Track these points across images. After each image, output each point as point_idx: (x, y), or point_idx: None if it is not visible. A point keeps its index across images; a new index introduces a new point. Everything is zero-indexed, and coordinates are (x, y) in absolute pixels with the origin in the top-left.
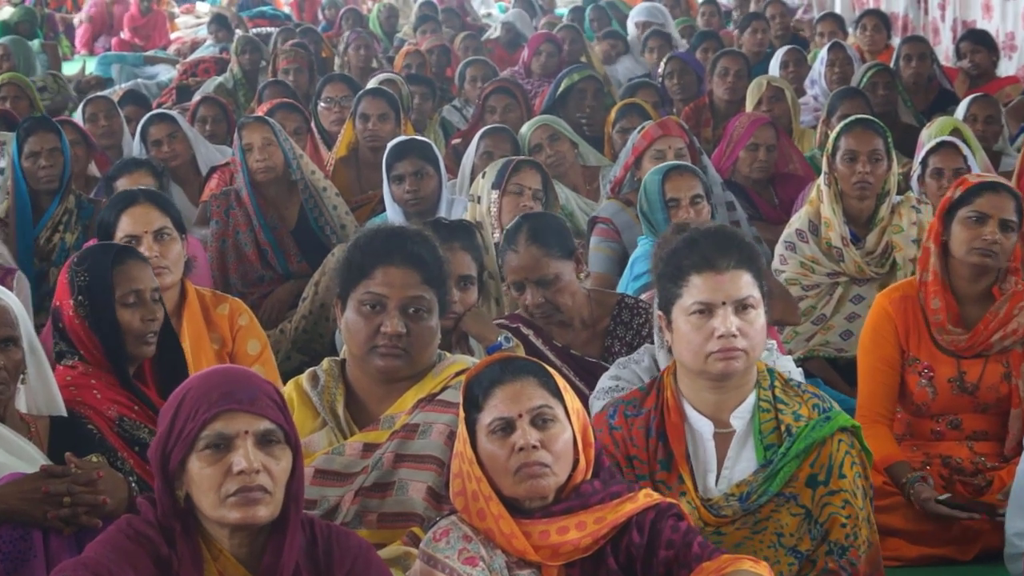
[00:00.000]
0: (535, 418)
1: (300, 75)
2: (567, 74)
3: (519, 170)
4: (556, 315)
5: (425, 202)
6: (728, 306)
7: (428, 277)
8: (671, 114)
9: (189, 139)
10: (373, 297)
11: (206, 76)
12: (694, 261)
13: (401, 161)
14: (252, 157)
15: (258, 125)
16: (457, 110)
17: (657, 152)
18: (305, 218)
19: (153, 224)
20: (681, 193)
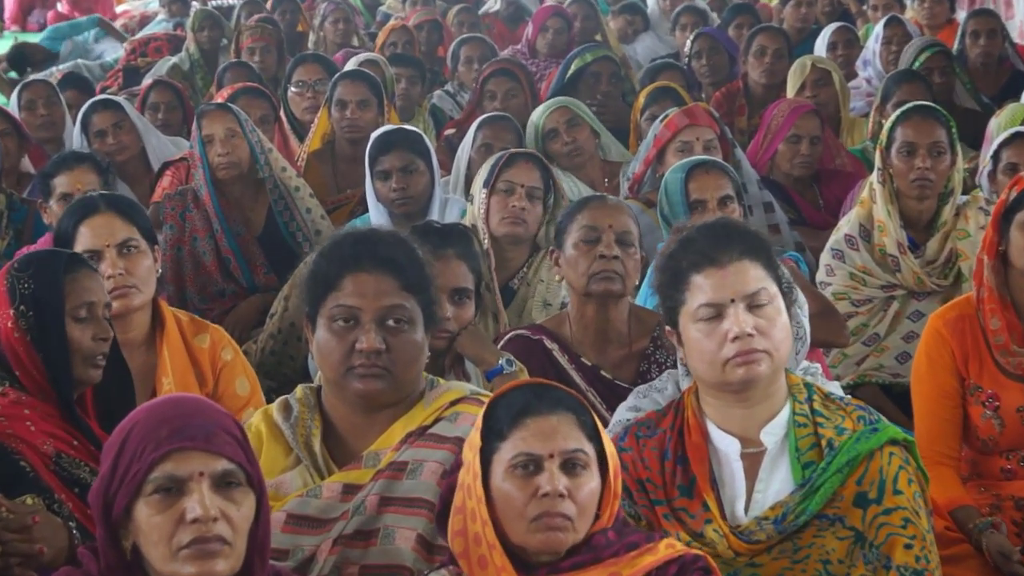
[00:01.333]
0: (567, 462)
1: (267, 55)
2: (578, 54)
3: (512, 164)
4: (616, 284)
5: (415, 202)
6: (739, 303)
7: (406, 283)
8: (699, 100)
9: (138, 129)
10: (344, 311)
11: (157, 56)
12: (693, 259)
13: (386, 155)
14: (213, 151)
15: (220, 114)
16: (450, 96)
17: (683, 144)
18: (273, 222)
19: (117, 236)
20: (707, 193)
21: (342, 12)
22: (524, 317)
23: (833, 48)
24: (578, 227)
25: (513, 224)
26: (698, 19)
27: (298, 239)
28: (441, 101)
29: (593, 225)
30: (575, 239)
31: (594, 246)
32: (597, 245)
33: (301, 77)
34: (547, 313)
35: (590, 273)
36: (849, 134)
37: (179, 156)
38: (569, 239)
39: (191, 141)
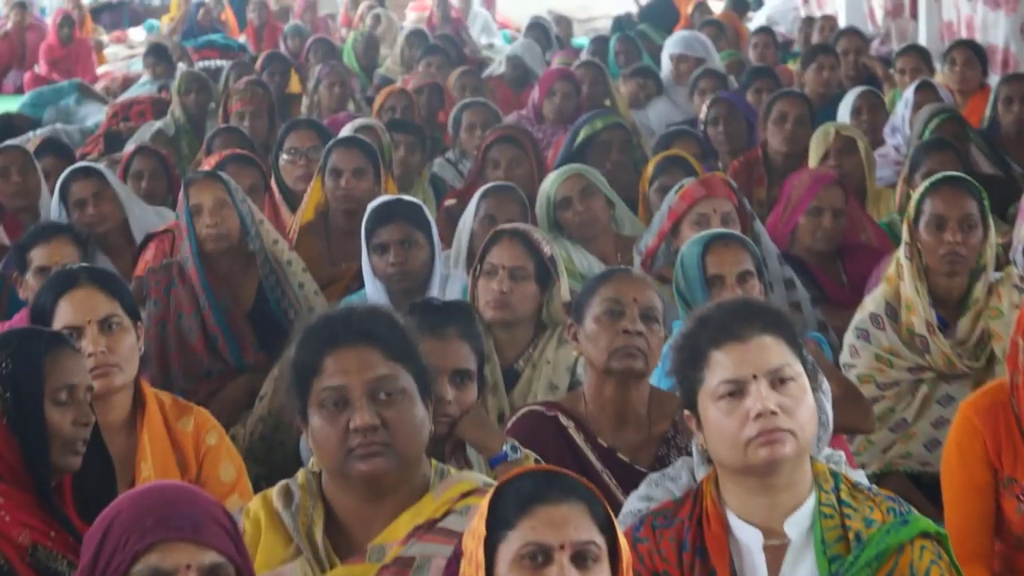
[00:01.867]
0: (578, 554)
1: (257, 120)
2: (587, 121)
3: (495, 244)
4: (639, 362)
5: (413, 278)
6: (761, 379)
7: (391, 352)
8: (716, 169)
9: (120, 199)
10: (331, 393)
11: (141, 120)
12: (712, 335)
13: (384, 227)
14: (201, 222)
15: (209, 182)
16: (451, 164)
17: (699, 217)
18: (264, 298)
19: (99, 311)
20: (726, 268)
21: (337, 75)
22: (528, 399)
23: (858, 114)
24: (600, 300)
25: (496, 309)
26: (717, 83)
27: (290, 316)
28: (442, 170)
29: (617, 298)
30: (597, 313)
31: (617, 320)
32: (620, 319)
33: (294, 144)
34: (554, 397)
35: (612, 349)
36: (875, 206)
37: (163, 227)
38: (590, 313)
39: (177, 211)
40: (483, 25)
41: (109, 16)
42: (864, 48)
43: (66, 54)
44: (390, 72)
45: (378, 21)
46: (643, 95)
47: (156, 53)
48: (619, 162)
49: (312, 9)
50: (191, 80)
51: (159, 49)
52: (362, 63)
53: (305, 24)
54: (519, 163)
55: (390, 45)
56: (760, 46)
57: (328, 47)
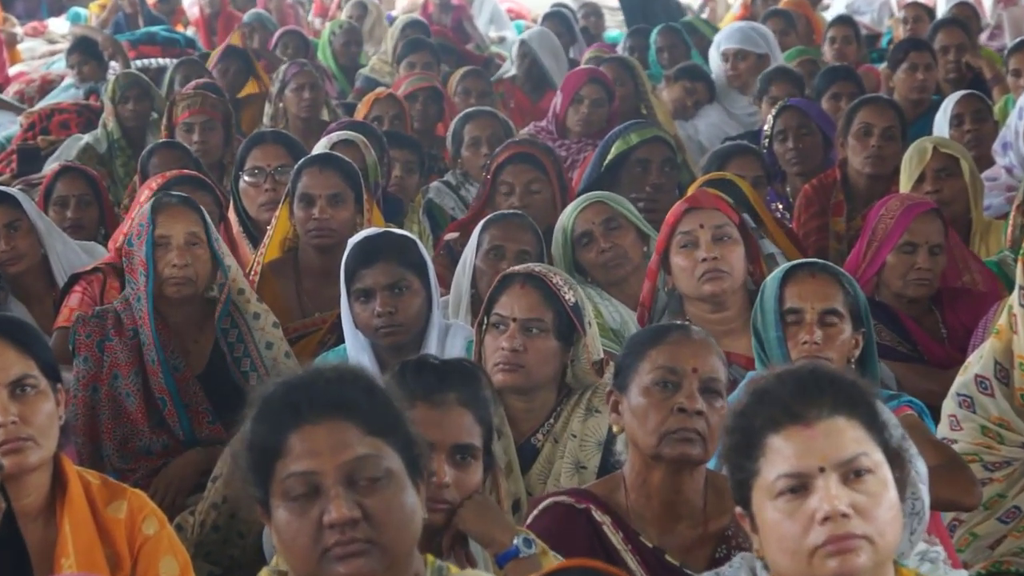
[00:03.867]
0: None
1: (210, 133)
2: (620, 134)
3: (504, 290)
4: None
5: (405, 330)
6: (830, 473)
7: (371, 425)
8: (783, 193)
9: (39, 232)
10: (298, 480)
11: (64, 134)
12: (769, 416)
13: (368, 268)
14: (167, 259)
15: (183, 212)
16: (451, 189)
17: (684, 238)
18: (221, 359)
19: (9, 372)
20: (806, 302)
21: (308, 76)
22: (550, 484)
23: (958, 123)
24: (651, 367)
25: (507, 371)
26: (792, 87)
27: (252, 381)
28: (439, 196)
29: (672, 367)
30: (646, 383)
31: (672, 395)
32: (676, 394)
33: (257, 162)
34: (580, 479)
35: (663, 431)
36: (983, 241)
37: (92, 266)
38: (637, 382)
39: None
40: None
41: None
42: (968, 44)
43: None
44: (376, 73)
45: (362, 10)
46: (691, 102)
47: (83, 49)
48: (660, 185)
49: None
50: (129, 84)
51: (87, 44)
52: (340, 62)
53: (270, 13)
54: (537, 188)
55: (377, 40)
56: (839, 41)
57: (299, 41)
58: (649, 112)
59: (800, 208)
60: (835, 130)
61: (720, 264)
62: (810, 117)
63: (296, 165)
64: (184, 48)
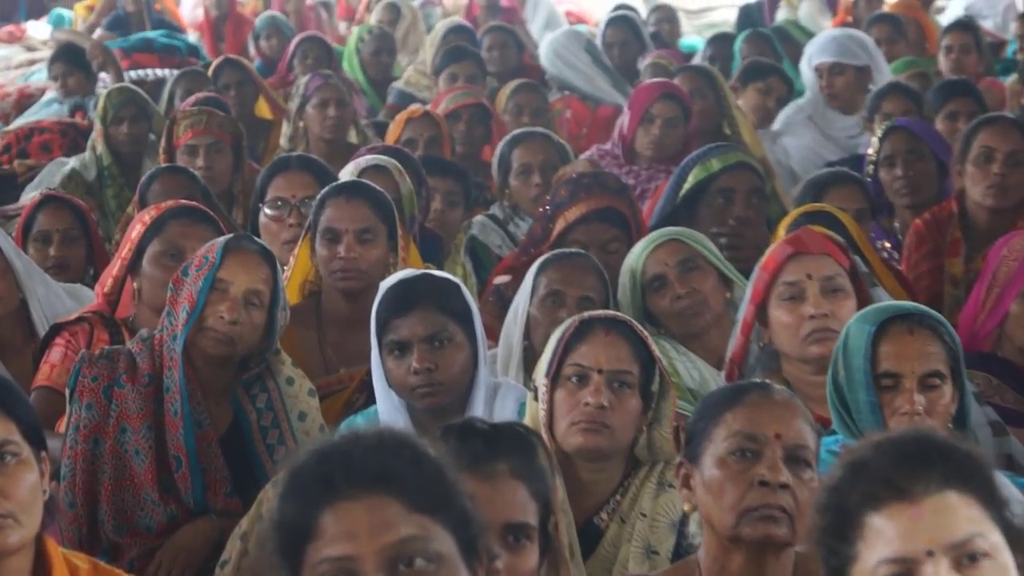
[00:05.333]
0: None
1: (217, 157)
2: (699, 159)
3: (585, 338)
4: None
5: (446, 390)
6: (940, 557)
7: (417, 500)
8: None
9: (16, 272)
10: (333, 567)
11: (46, 157)
12: (868, 491)
13: (403, 317)
14: (218, 308)
15: (256, 264)
16: (498, 224)
17: (788, 289)
18: (245, 424)
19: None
20: (905, 364)
21: (333, 91)
22: (616, 572)
23: None
24: (727, 433)
25: (589, 433)
26: (909, 106)
27: (278, 455)
28: (484, 232)
29: (752, 433)
30: (721, 452)
31: (752, 465)
32: (756, 464)
33: (281, 193)
34: (651, 566)
35: (743, 508)
36: None
37: (76, 315)
38: (711, 450)
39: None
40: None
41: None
42: None
43: None
44: (412, 87)
45: (395, 13)
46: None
47: (67, 58)
48: (746, 219)
49: None
50: (122, 102)
51: (72, 52)
52: (370, 74)
53: (287, 16)
54: (616, 248)
55: (413, 48)
56: (956, 50)
57: (321, 48)
58: (733, 132)
59: (910, 247)
60: (951, 155)
61: (830, 322)
62: (922, 140)
63: (319, 195)
64: (186, 57)
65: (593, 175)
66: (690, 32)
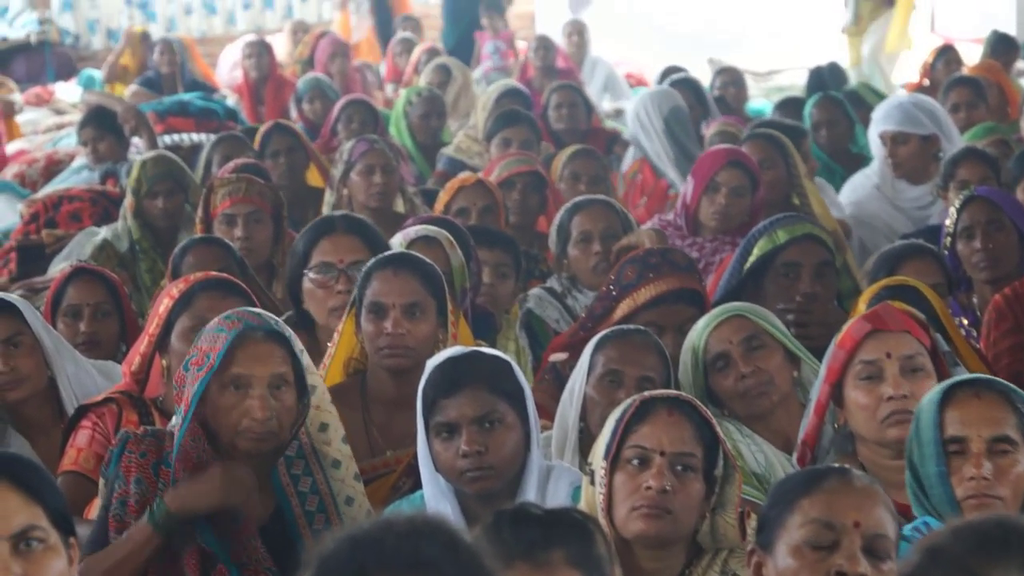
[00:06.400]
0: None
1: (256, 226)
2: (765, 231)
3: (646, 418)
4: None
5: (497, 474)
6: None
7: None
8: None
9: (44, 349)
10: None
11: (75, 227)
12: None
13: (452, 397)
14: (245, 407)
15: (270, 350)
16: (555, 297)
17: (866, 368)
18: (288, 512)
19: (11, 522)
20: (971, 429)
21: (379, 156)
22: None
23: None
24: (803, 520)
25: (650, 519)
26: (986, 172)
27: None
28: (541, 306)
29: (829, 521)
30: (797, 540)
31: (829, 555)
32: (833, 554)
33: (327, 257)
34: None
35: None
36: None
37: (103, 397)
38: (785, 538)
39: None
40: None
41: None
42: None
43: None
44: (463, 154)
45: (445, 75)
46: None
47: (98, 122)
48: (813, 294)
49: (342, 56)
50: (158, 175)
51: (102, 115)
52: (418, 138)
53: (331, 78)
54: (689, 328)
55: (464, 112)
56: None
57: (366, 113)
58: (803, 203)
59: (990, 324)
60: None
61: (910, 404)
62: (1003, 210)
63: (365, 267)
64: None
65: (660, 253)
66: (757, 95)
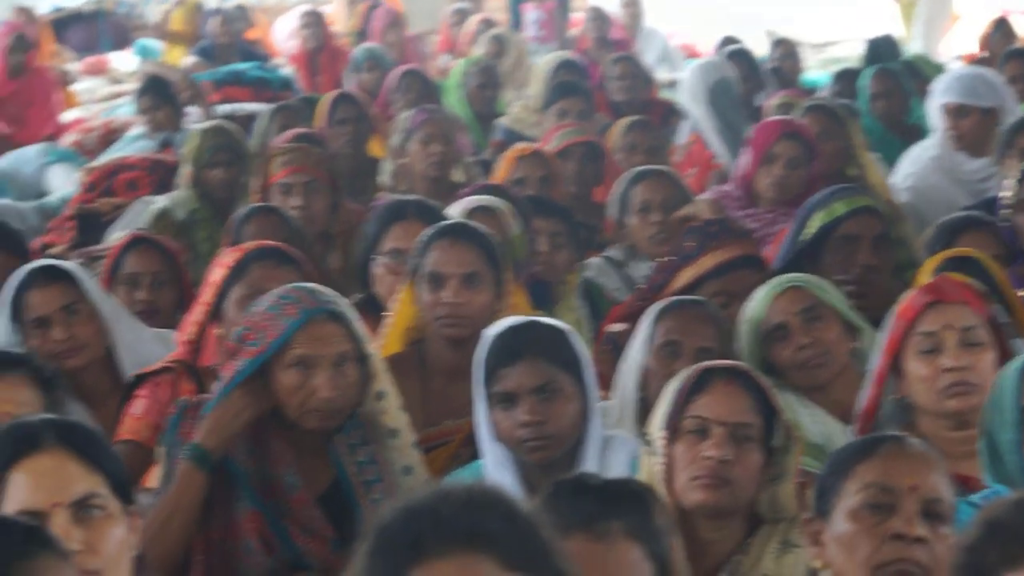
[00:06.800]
0: None
1: (313, 196)
2: (822, 202)
3: (705, 388)
4: None
5: (556, 443)
6: None
7: (513, 559)
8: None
9: (102, 317)
10: None
11: (132, 195)
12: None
13: (511, 366)
14: (311, 386)
15: (334, 330)
16: (615, 265)
17: (925, 340)
18: (345, 481)
19: (71, 489)
20: None
21: (438, 126)
22: None
23: None
24: (860, 485)
25: (710, 489)
26: None
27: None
28: (600, 274)
29: (885, 485)
30: (853, 506)
31: (886, 519)
32: (891, 517)
33: (398, 243)
34: None
35: (877, 563)
36: None
37: (160, 365)
38: (842, 505)
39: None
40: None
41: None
42: None
43: (15, 91)
44: (519, 124)
45: (500, 45)
46: None
47: (155, 91)
48: (872, 266)
49: (397, 26)
50: (217, 146)
51: (159, 85)
52: (475, 109)
53: (386, 48)
54: (733, 278)
55: (520, 83)
56: None
57: (422, 84)
58: (860, 174)
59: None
60: None
61: (969, 376)
62: None
63: (422, 238)
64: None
65: (719, 222)
66: (813, 67)
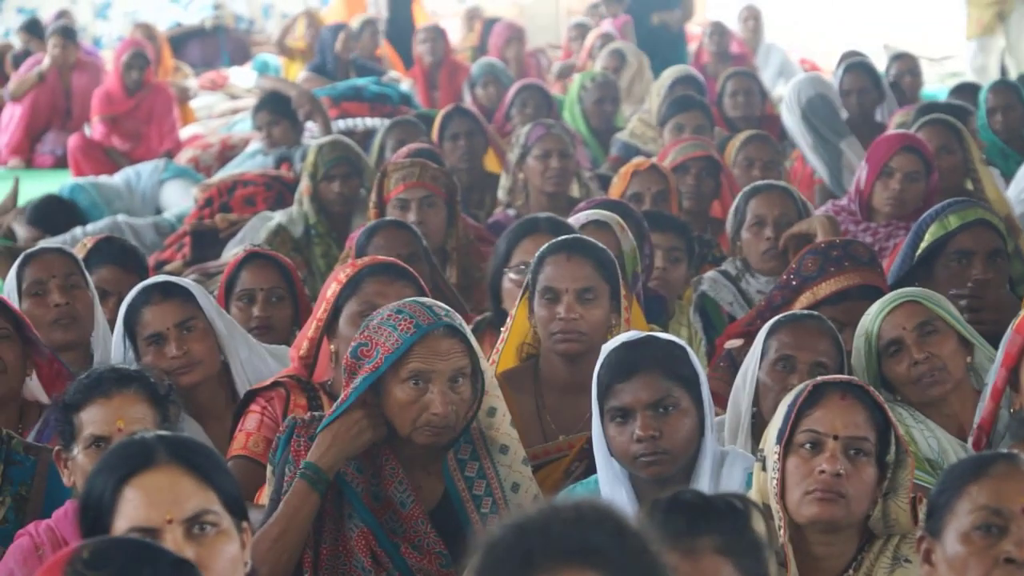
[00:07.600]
0: None
1: (430, 211)
2: (936, 216)
3: (819, 402)
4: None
5: (671, 459)
6: None
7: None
8: None
9: (218, 334)
10: None
11: (249, 211)
12: None
13: (627, 382)
14: (425, 401)
15: (452, 346)
16: (730, 280)
17: None
18: (456, 498)
19: (185, 506)
20: None
21: (556, 141)
22: None
23: None
24: (971, 507)
25: (823, 503)
26: None
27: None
28: (715, 288)
29: (997, 507)
30: (965, 527)
31: (998, 541)
32: (1002, 540)
33: (528, 258)
34: None
35: None
36: None
37: (271, 381)
38: (954, 525)
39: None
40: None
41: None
42: None
43: (133, 106)
44: (637, 139)
45: (619, 60)
46: None
47: (273, 107)
48: (985, 282)
49: (517, 41)
50: (335, 159)
51: (277, 100)
52: (593, 123)
53: (505, 63)
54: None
55: (638, 97)
56: None
57: (541, 98)
58: (976, 188)
59: None
60: None
61: None
62: None
63: (538, 253)
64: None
65: (843, 246)
66: (931, 80)
